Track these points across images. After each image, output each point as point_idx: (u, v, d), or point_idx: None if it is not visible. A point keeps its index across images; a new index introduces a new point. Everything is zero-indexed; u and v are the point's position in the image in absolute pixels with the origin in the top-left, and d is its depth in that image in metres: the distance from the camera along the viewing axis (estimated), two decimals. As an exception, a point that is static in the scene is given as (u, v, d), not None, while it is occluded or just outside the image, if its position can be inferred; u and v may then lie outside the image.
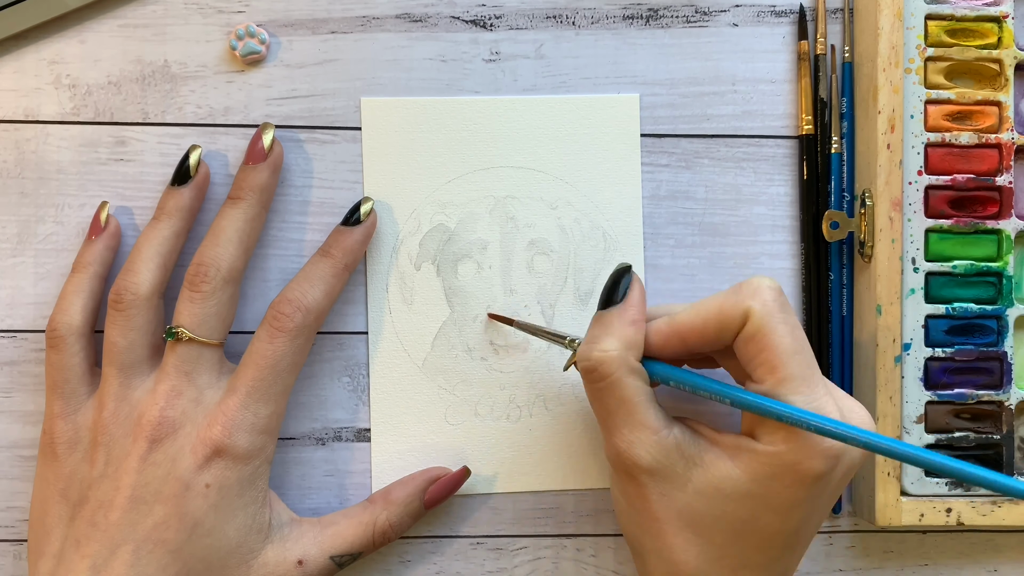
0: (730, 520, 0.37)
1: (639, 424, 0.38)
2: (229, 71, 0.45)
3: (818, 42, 0.46)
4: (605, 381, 0.38)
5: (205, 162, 0.44)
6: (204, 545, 0.40)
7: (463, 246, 0.45)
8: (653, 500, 0.38)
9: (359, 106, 0.45)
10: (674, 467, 0.37)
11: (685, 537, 0.38)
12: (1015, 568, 0.47)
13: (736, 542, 0.37)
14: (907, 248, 0.45)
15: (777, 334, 0.36)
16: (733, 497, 0.36)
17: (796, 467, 0.36)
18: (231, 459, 0.40)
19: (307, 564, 0.42)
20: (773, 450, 0.36)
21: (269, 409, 0.41)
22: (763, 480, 0.36)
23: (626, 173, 0.46)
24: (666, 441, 0.37)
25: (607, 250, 0.46)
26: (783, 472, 0.36)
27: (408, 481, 0.44)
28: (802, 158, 0.46)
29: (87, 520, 0.40)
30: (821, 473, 0.36)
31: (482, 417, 0.45)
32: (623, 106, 0.46)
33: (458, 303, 0.45)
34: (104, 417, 0.41)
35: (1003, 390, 0.45)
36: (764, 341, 0.37)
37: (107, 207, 0.44)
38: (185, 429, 0.41)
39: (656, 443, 0.37)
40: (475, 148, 0.46)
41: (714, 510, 0.37)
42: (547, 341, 0.43)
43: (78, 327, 0.42)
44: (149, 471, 0.40)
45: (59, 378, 0.42)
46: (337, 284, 0.43)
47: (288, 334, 0.41)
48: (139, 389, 0.41)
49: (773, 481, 0.36)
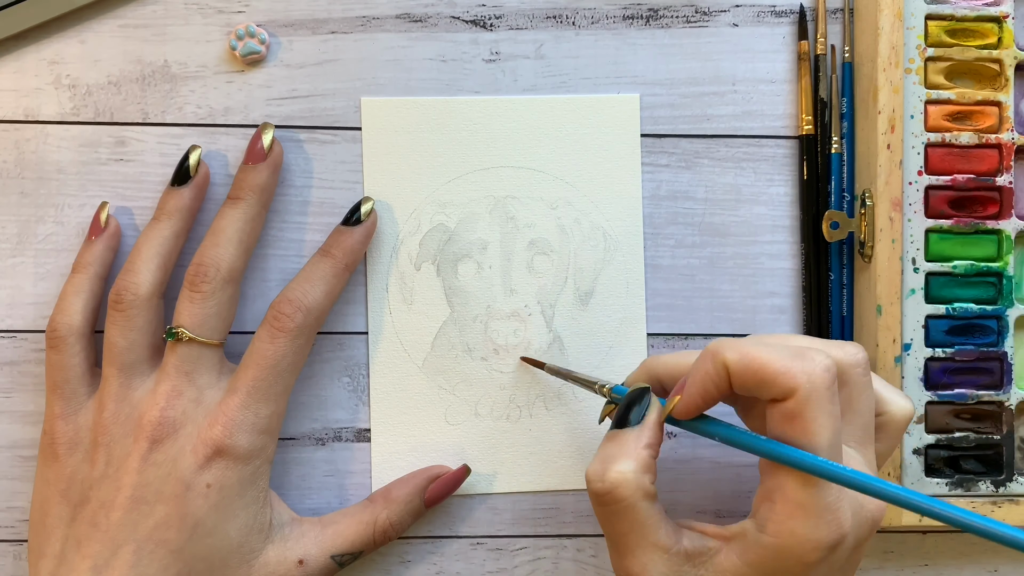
0: None
1: (651, 546, 0.37)
2: (229, 71, 0.45)
3: (818, 42, 0.46)
4: (620, 504, 0.37)
5: (205, 162, 0.44)
6: (205, 545, 0.40)
7: (463, 246, 0.45)
8: None
9: (359, 106, 0.45)
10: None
11: None
12: (1015, 568, 0.47)
13: None
14: (907, 248, 0.45)
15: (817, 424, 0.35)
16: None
17: (800, 558, 0.35)
18: (232, 459, 0.40)
19: (308, 563, 0.42)
20: (778, 543, 0.35)
21: (270, 409, 0.41)
22: (770, 571, 0.36)
23: (626, 173, 0.46)
24: (677, 556, 0.37)
25: (607, 250, 0.46)
26: (789, 564, 0.35)
27: (408, 480, 0.44)
28: (802, 158, 0.46)
29: (88, 520, 0.40)
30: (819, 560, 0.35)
31: (482, 417, 0.45)
32: (623, 106, 0.46)
33: (458, 303, 0.45)
34: (104, 417, 0.41)
35: (1003, 390, 0.45)
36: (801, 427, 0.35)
37: (107, 207, 0.44)
38: (186, 429, 0.41)
39: (667, 560, 0.37)
40: (475, 148, 0.45)
41: None
42: (578, 385, 0.43)
43: (78, 327, 0.42)
44: (150, 471, 0.40)
45: (59, 379, 0.42)
46: (337, 284, 0.43)
47: (289, 334, 0.41)
48: (139, 389, 0.41)
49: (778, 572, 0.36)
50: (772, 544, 0.35)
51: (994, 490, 0.44)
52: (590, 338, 0.46)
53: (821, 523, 0.35)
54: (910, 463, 0.44)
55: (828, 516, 0.35)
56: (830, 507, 0.35)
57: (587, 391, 0.43)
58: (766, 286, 0.46)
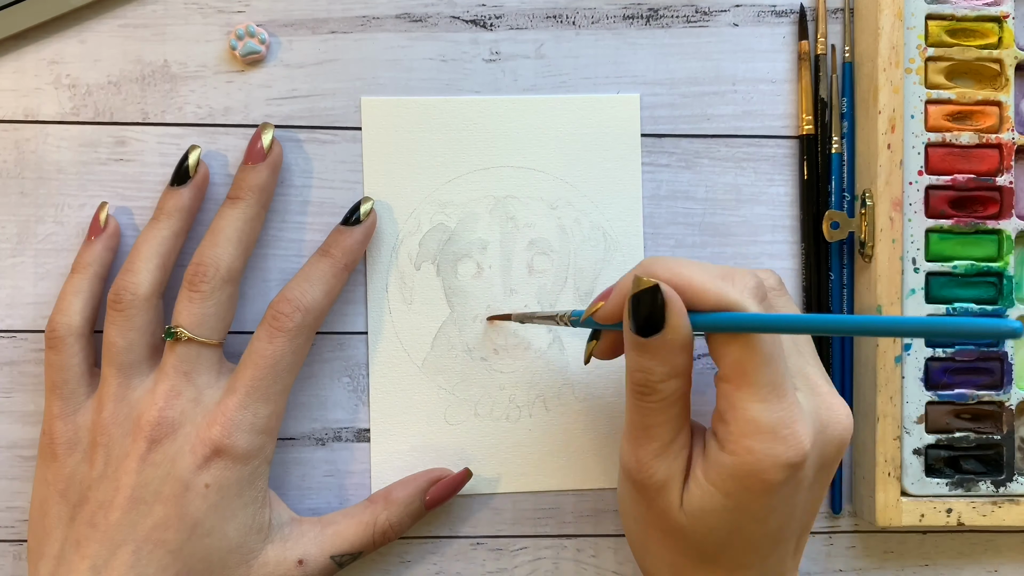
0: (717, 532, 0.36)
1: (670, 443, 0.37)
2: (229, 71, 0.45)
3: (818, 42, 0.46)
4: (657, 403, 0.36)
5: (204, 162, 0.44)
6: (204, 545, 0.40)
7: (463, 246, 0.45)
8: (656, 511, 0.37)
9: (359, 106, 0.45)
10: (674, 486, 0.37)
11: (682, 547, 0.38)
12: (1015, 568, 0.46)
13: (727, 549, 0.37)
14: (907, 248, 0.44)
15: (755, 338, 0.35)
16: (713, 513, 0.36)
17: (761, 476, 0.35)
18: (230, 459, 0.40)
19: (307, 564, 0.42)
20: (736, 460, 0.35)
21: (268, 409, 0.41)
22: (736, 494, 0.35)
23: (626, 173, 0.45)
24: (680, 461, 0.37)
25: (607, 250, 0.45)
26: (750, 483, 0.35)
27: (409, 481, 0.44)
28: (802, 158, 0.46)
29: (87, 521, 0.40)
30: (785, 480, 0.35)
31: (482, 417, 0.45)
32: (623, 106, 0.45)
33: (458, 303, 0.45)
34: (103, 418, 0.41)
35: (1003, 390, 0.45)
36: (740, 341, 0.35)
37: (106, 208, 0.44)
38: (184, 429, 0.40)
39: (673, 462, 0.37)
40: (475, 148, 0.45)
41: (701, 526, 0.37)
42: (544, 324, 0.42)
43: (77, 328, 0.42)
44: (148, 471, 0.40)
45: (58, 379, 0.41)
46: (337, 284, 0.43)
47: (287, 334, 0.41)
48: (138, 389, 0.41)
49: (743, 492, 0.35)
50: (731, 463, 0.35)
51: (994, 490, 0.44)
52: (590, 338, 0.45)
53: (778, 439, 0.35)
54: (910, 463, 0.44)
55: (784, 431, 0.35)
56: (784, 421, 0.35)
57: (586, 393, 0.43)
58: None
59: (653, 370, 0.35)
